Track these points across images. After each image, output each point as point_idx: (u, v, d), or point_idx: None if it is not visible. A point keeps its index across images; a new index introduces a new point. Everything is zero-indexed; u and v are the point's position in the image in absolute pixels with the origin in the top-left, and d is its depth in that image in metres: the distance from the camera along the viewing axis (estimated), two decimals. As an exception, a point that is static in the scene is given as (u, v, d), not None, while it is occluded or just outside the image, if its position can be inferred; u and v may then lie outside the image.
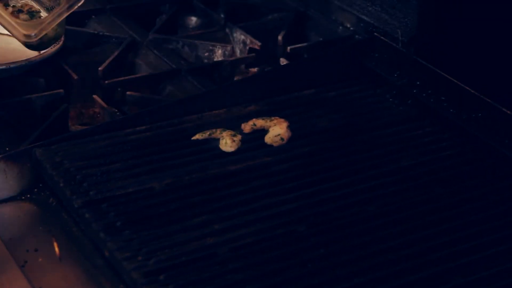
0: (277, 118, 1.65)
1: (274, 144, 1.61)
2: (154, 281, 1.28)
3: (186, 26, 2.22)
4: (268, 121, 1.65)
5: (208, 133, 1.62)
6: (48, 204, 1.51)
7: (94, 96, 1.81)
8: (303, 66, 1.82)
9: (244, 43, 2.05)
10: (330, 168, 1.55)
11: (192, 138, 1.62)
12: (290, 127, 1.63)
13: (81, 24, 2.14)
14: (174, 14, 2.20)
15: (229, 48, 2.03)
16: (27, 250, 1.40)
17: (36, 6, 1.84)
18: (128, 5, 2.22)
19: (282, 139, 1.61)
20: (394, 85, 1.79)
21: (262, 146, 1.61)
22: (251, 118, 1.66)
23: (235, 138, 1.59)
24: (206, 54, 2.04)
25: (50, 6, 1.82)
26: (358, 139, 1.64)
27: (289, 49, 2.01)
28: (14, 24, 1.64)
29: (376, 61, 1.86)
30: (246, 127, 1.65)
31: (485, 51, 1.80)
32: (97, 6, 2.20)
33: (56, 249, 1.41)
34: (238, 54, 2.05)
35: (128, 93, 1.84)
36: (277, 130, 1.62)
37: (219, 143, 1.59)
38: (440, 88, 1.73)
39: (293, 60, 1.96)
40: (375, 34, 1.90)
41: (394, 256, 1.33)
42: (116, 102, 1.85)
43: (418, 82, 1.77)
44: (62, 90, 1.80)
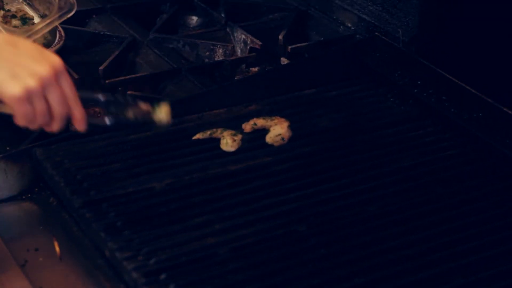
0: (277, 117, 1.65)
1: (275, 144, 1.61)
2: (155, 281, 1.28)
3: (187, 26, 2.22)
4: (268, 120, 1.64)
5: (208, 132, 1.62)
6: (48, 203, 1.51)
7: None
8: (304, 65, 1.82)
9: (244, 43, 2.05)
10: (331, 168, 1.55)
11: (192, 138, 1.62)
12: (291, 127, 1.63)
13: (81, 23, 2.14)
14: (174, 13, 2.20)
15: (229, 47, 2.03)
16: (28, 250, 1.40)
17: (30, 12, 1.85)
18: (128, 4, 2.22)
19: (282, 139, 1.61)
20: (395, 84, 1.79)
21: (263, 146, 1.61)
22: (252, 118, 1.66)
23: (236, 138, 1.59)
24: (207, 53, 2.03)
25: (44, 13, 1.83)
26: (359, 139, 1.64)
27: (290, 48, 2.01)
28: (2, 29, 1.64)
29: (377, 60, 1.85)
30: (247, 127, 1.65)
31: (486, 51, 1.80)
32: (97, 5, 2.20)
33: (56, 248, 1.41)
34: (239, 53, 2.05)
35: (128, 92, 1.84)
36: (278, 130, 1.61)
37: (220, 143, 1.59)
38: (441, 87, 1.72)
39: (294, 59, 1.95)
40: (376, 33, 1.90)
41: (394, 256, 1.33)
42: (116, 101, 1.85)
43: (419, 82, 1.77)
44: (62, 90, 1.80)
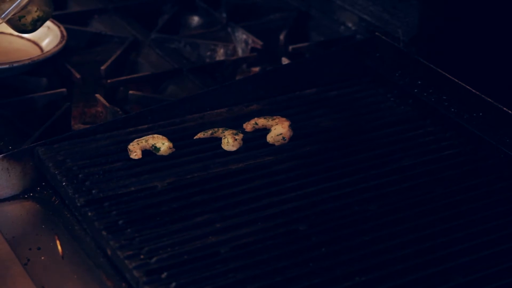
0: (279, 117, 1.66)
1: (276, 143, 1.61)
2: (156, 279, 1.28)
3: (188, 26, 2.22)
4: (270, 120, 1.65)
5: (210, 132, 1.63)
6: (50, 202, 1.52)
7: (97, 95, 1.82)
8: (305, 65, 1.83)
9: (246, 43, 2.05)
10: (332, 167, 1.55)
11: (194, 137, 1.63)
12: (291, 127, 1.63)
13: (83, 23, 2.14)
14: (176, 13, 2.20)
15: (231, 47, 2.03)
16: (30, 249, 1.40)
17: None
18: (130, 4, 2.23)
19: (284, 139, 1.61)
20: (395, 84, 1.79)
21: (264, 145, 1.61)
22: (253, 117, 1.67)
23: (237, 137, 1.60)
24: (208, 53, 2.04)
25: None
26: (359, 139, 1.64)
27: (291, 48, 2.01)
28: None
29: (377, 60, 1.86)
30: (248, 126, 1.65)
31: (486, 51, 1.80)
32: (99, 5, 2.21)
33: (58, 247, 1.41)
34: (240, 53, 2.05)
35: (130, 92, 1.84)
36: (279, 130, 1.62)
37: (221, 142, 1.60)
38: (441, 87, 1.73)
39: (294, 59, 1.96)
40: (377, 33, 1.90)
41: (395, 255, 1.34)
42: (118, 101, 1.86)
43: (419, 82, 1.77)
44: (64, 89, 1.81)
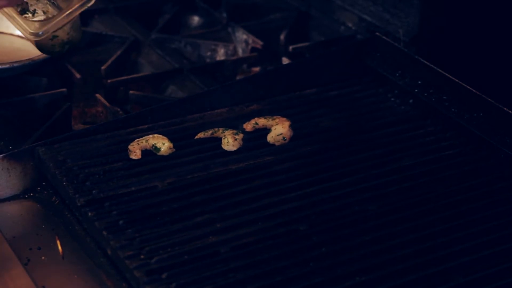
0: (279, 117, 1.66)
1: (276, 143, 1.61)
2: (157, 279, 1.28)
3: (189, 26, 2.22)
4: (270, 120, 1.65)
5: (210, 132, 1.63)
6: (51, 202, 1.52)
7: (97, 95, 1.82)
8: (305, 65, 1.83)
9: (246, 43, 2.06)
10: (332, 167, 1.55)
11: (194, 138, 1.63)
12: (292, 126, 1.63)
13: (84, 23, 2.14)
14: (176, 13, 2.20)
15: (231, 47, 2.03)
16: (30, 249, 1.40)
17: (53, 10, 1.81)
18: (130, 4, 2.23)
19: (284, 138, 1.61)
20: (395, 84, 1.79)
21: (264, 145, 1.61)
22: (253, 117, 1.67)
23: (237, 137, 1.60)
24: (208, 53, 2.04)
25: None
26: (360, 139, 1.64)
27: (291, 48, 2.01)
28: (21, 21, 1.62)
29: (377, 60, 1.86)
30: (248, 126, 1.65)
31: (486, 51, 1.80)
32: (100, 5, 2.21)
33: (59, 247, 1.41)
34: (240, 53, 2.05)
35: (130, 92, 1.84)
36: (279, 129, 1.62)
37: (221, 142, 1.60)
38: (441, 87, 1.73)
39: (295, 59, 1.96)
40: (377, 33, 1.90)
41: (395, 255, 1.34)
42: (118, 101, 1.86)
43: (419, 82, 1.77)
44: (65, 89, 1.80)
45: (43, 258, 1.39)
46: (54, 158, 1.54)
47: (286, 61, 1.96)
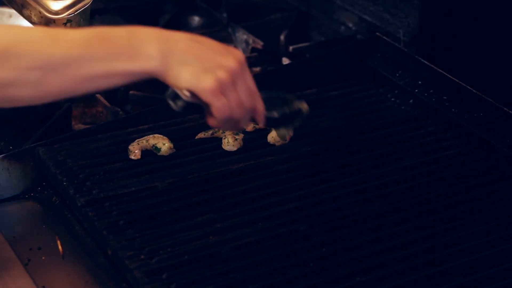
0: (279, 117, 1.65)
1: (277, 143, 1.61)
2: (157, 280, 1.28)
3: (189, 26, 2.22)
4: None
5: (210, 132, 1.63)
6: (51, 202, 1.52)
7: (97, 95, 1.82)
8: (305, 65, 1.83)
9: (246, 43, 2.05)
10: (332, 167, 1.55)
11: (195, 138, 1.63)
12: (292, 127, 1.63)
13: (84, 23, 2.14)
14: (176, 13, 2.20)
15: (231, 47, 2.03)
16: (30, 249, 1.40)
17: None
18: (131, 4, 2.23)
19: (284, 139, 1.61)
20: (396, 84, 1.79)
21: (265, 145, 1.61)
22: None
23: (237, 137, 1.60)
24: (209, 53, 2.04)
25: None
26: (360, 139, 1.64)
27: (291, 48, 2.01)
28: (38, 13, 1.60)
29: (378, 60, 1.86)
30: (249, 126, 1.65)
31: (487, 50, 1.80)
32: (100, 5, 2.21)
33: (59, 247, 1.41)
34: (241, 53, 2.05)
35: (131, 92, 1.84)
36: (279, 130, 1.62)
37: (222, 142, 1.60)
38: (442, 87, 1.73)
39: (295, 59, 1.96)
40: (377, 33, 1.90)
41: (395, 255, 1.34)
42: (119, 101, 1.86)
43: (420, 82, 1.77)
44: (65, 89, 1.80)
45: (43, 258, 1.39)
46: (54, 158, 1.54)
47: (286, 61, 1.96)
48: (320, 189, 1.49)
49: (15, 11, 1.64)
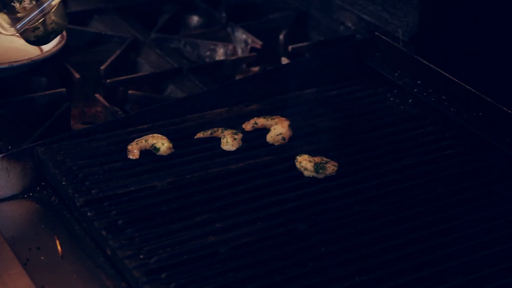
0: (278, 117, 1.66)
1: (275, 143, 1.61)
2: (156, 279, 1.28)
3: (188, 25, 2.22)
4: (269, 120, 1.65)
5: (209, 132, 1.63)
6: (50, 202, 1.52)
7: (96, 95, 1.82)
8: (304, 65, 1.83)
9: (245, 42, 2.06)
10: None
11: (194, 137, 1.63)
12: (291, 126, 1.63)
13: (83, 23, 2.14)
14: (176, 13, 2.20)
15: (230, 47, 2.04)
16: (30, 248, 1.40)
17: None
18: (130, 4, 2.23)
19: (283, 138, 1.61)
20: (395, 84, 1.79)
21: (263, 145, 1.61)
22: (253, 117, 1.67)
23: (237, 137, 1.60)
24: (208, 53, 2.04)
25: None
26: (359, 138, 1.64)
27: (290, 48, 2.01)
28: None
29: (377, 60, 1.86)
30: (248, 126, 1.65)
31: (486, 50, 1.80)
32: (99, 5, 2.21)
33: (58, 247, 1.41)
34: (240, 53, 2.06)
35: (130, 92, 1.84)
36: (278, 129, 1.62)
37: (221, 142, 1.60)
38: (441, 87, 1.73)
39: (294, 59, 1.96)
40: (376, 33, 1.90)
41: (395, 255, 1.34)
42: (118, 101, 1.86)
43: (419, 81, 1.77)
44: (64, 89, 1.81)
45: (43, 258, 1.39)
46: (53, 158, 1.54)
47: (285, 61, 1.96)
48: (319, 188, 1.49)
49: None
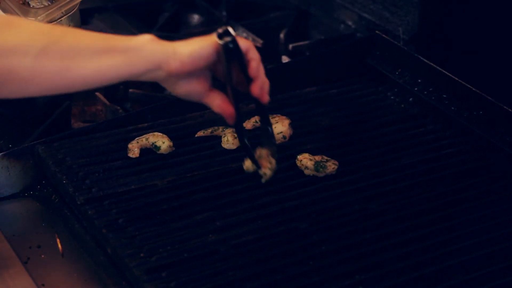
0: (279, 115, 1.66)
1: (276, 141, 1.61)
2: (156, 278, 1.28)
3: (188, 24, 2.22)
4: (270, 118, 1.65)
5: (210, 130, 1.63)
6: (50, 201, 1.52)
7: (97, 93, 1.82)
8: (305, 64, 1.83)
9: (246, 41, 2.05)
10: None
11: (195, 136, 1.63)
12: (292, 125, 1.63)
13: (84, 22, 2.14)
14: (176, 11, 2.20)
15: (231, 45, 2.03)
16: (30, 247, 1.40)
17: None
18: (130, 3, 2.23)
19: (284, 137, 1.61)
20: (395, 83, 1.79)
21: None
22: (253, 116, 1.66)
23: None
24: (208, 51, 2.04)
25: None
26: (360, 137, 1.64)
27: (291, 47, 2.01)
28: (16, 9, 1.60)
29: (377, 59, 1.86)
30: (248, 125, 1.65)
31: (486, 49, 1.80)
32: (100, 4, 2.21)
33: (59, 245, 1.41)
34: (240, 51, 2.05)
35: (130, 90, 1.84)
36: (279, 128, 1.62)
37: (221, 141, 1.60)
38: (441, 85, 1.73)
39: (295, 58, 1.96)
40: (377, 32, 1.90)
41: (395, 253, 1.34)
42: (118, 99, 1.86)
43: (419, 80, 1.77)
44: (64, 88, 1.80)
45: (43, 256, 1.39)
46: (53, 157, 1.54)
47: (286, 59, 1.96)
48: (319, 187, 1.49)
49: None
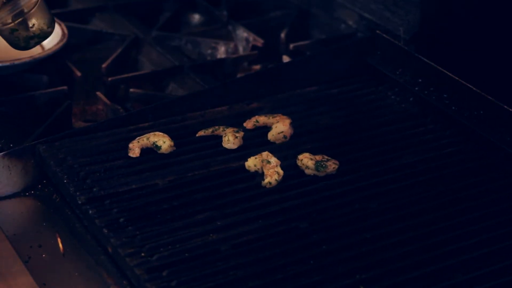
0: (279, 115, 1.66)
1: (277, 141, 1.61)
2: (157, 277, 1.28)
3: (189, 23, 2.22)
4: (270, 118, 1.65)
5: (211, 130, 1.63)
6: (51, 200, 1.52)
7: (97, 93, 1.82)
8: (306, 63, 1.83)
9: (246, 40, 2.06)
10: (332, 165, 1.56)
11: (195, 135, 1.63)
12: (292, 124, 1.63)
13: (84, 21, 2.14)
14: (177, 11, 2.20)
15: (231, 45, 2.04)
16: (31, 246, 1.40)
17: None
18: (131, 2, 2.23)
19: (284, 137, 1.62)
20: (396, 82, 1.79)
21: (265, 143, 1.61)
22: (254, 115, 1.67)
23: (238, 135, 1.60)
24: (209, 51, 2.04)
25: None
26: (360, 137, 1.65)
27: (291, 46, 2.01)
28: None
29: (378, 58, 1.86)
30: (249, 124, 1.65)
31: (487, 49, 1.80)
32: (100, 3, 2.21)
33: (59, 245, 1.42)
34: (241, 51, 2.06)
35: (131, 90, 1.84)
36: (280, 128, 1.62)
37: (222, 140, 1.60)
38: (442, 85, 1.73)
39: (295, 57, 1.96)
40: (377, 31, 1.90)
41: (395, 252, 1.34)
42: (119, 99, 1.86)
43: (420, 80, 1.77)
44: (65, 87, 1.81)
45: (44, 255, 1.39)
46: (54, 156, 1.54)
47: (286, 59, 1.96)
48: (320, 187, 1.49)
49: None
